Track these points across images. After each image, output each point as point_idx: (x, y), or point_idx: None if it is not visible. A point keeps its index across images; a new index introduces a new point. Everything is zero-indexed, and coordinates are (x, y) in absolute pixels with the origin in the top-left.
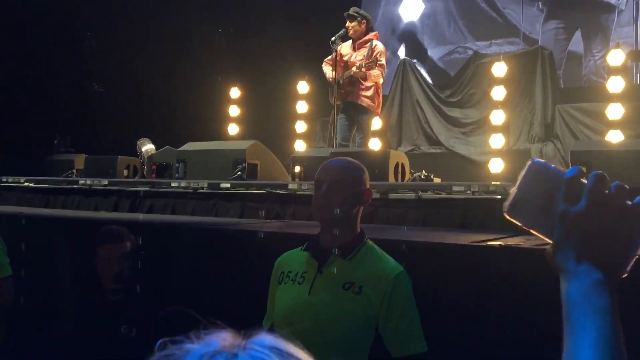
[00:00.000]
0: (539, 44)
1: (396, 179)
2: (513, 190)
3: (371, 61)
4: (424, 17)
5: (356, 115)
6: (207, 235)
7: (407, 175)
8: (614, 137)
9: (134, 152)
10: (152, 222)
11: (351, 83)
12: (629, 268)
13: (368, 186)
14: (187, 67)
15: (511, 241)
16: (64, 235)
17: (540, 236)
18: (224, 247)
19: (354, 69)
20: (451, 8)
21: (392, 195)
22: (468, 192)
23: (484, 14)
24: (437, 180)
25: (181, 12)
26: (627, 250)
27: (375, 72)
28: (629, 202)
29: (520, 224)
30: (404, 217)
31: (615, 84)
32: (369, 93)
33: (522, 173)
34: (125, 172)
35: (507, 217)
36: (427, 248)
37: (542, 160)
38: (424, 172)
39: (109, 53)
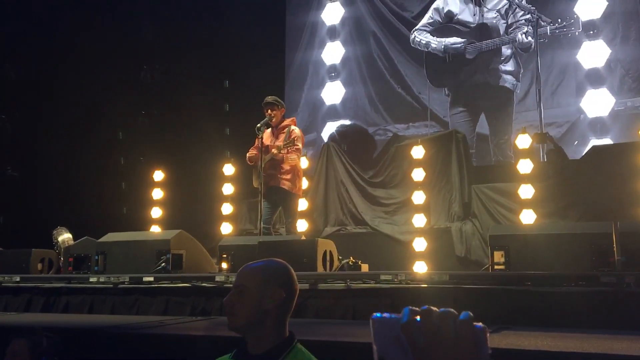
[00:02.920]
0: (449, 126)
1: (325, 268)
2: (373, 347)
3: (288, 143)
4: (345, 100)
5: (279, 198)
6: (126, 340)
7: (336, 263)
8: (527, 216)
9: (50, 242)
10: (64, 328)
11: (272, 167)
12: None
13: (280, 286)
14: (107, 151)
15: None
16: None
17: None
18: (146, 352)
19: (273, 150)
20: (371, 92)
21: (321, 286)
22: (395, 280)
23: (401, 98)
24: (364, 266)
25: (102, 92)
26: None
27: (292, 156)
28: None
29: None
30: (333, 309)
31: (525, 166)
32: (289, 176)
33: (371, 330)
34: (40, 266)
35: None
36: (355, 349)
37: (379, 314)
38: (351, 258)
39: (23, 134)
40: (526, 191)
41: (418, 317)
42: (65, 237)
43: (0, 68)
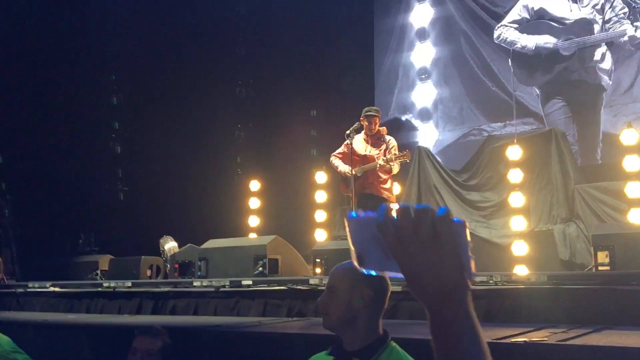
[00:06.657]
0: (545, 123)
1: None
2: (351, 247)
3: (401, 155)
4: (436, 102)
5: (375, 205)
6: (229, 338)
7: None
8: (636, 215)
9: (158, 250)
10: (174, 327)
11: (369, 176)
12: (473, 270)
13: (369, 286)
14: (207, 164)
15: (535, 336)
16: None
17: (394, 274)
18: (247, 350)
19: (380, 161)
20: (464, 92)
21: None
22: (491, 281)
23: (496, 96)
24: None
25: (201, 111)
26: (458, 258)
27: (396, 166)
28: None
29: (375, 273)
30: None
31: (631, 163)
32: (387, 185)
33: (347, 230)
34: (148, 272)
35: (363, 271)
36: None
37: (355, 213)
38: None
39: (132, 152)
40: (634, 189)
41: (395, 216)
42: (170, 245)
43: (112, 94)
